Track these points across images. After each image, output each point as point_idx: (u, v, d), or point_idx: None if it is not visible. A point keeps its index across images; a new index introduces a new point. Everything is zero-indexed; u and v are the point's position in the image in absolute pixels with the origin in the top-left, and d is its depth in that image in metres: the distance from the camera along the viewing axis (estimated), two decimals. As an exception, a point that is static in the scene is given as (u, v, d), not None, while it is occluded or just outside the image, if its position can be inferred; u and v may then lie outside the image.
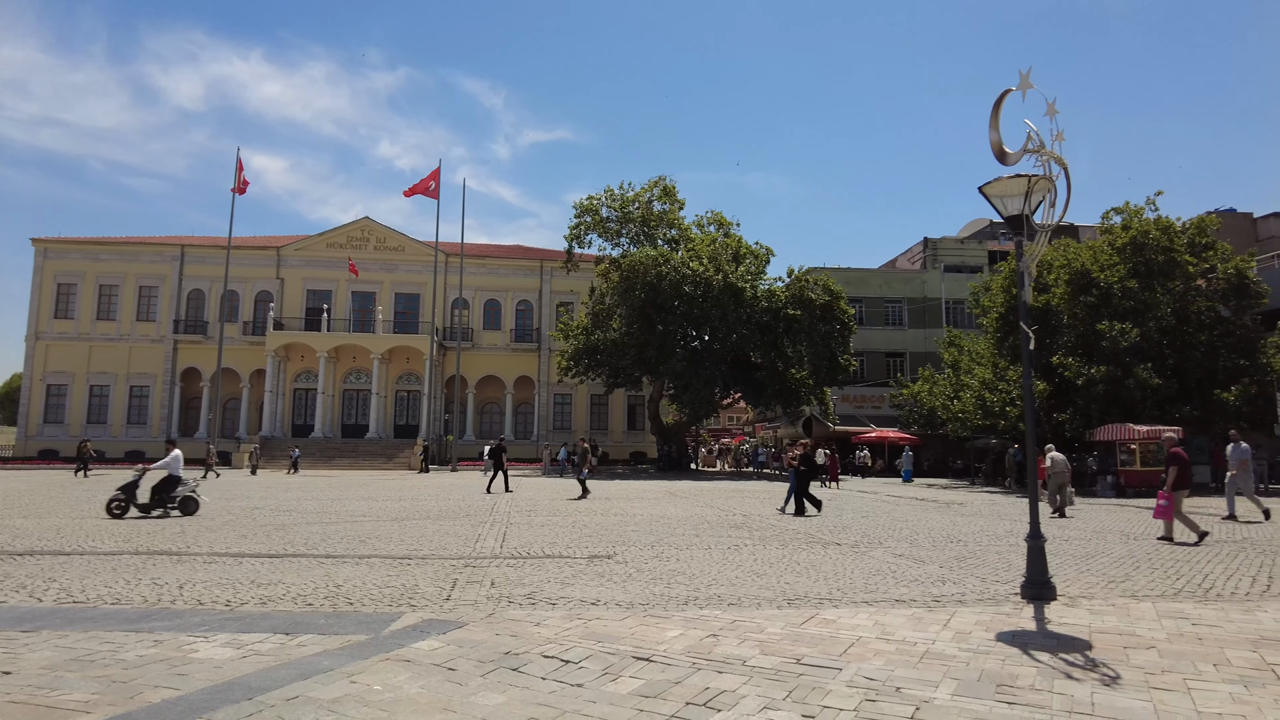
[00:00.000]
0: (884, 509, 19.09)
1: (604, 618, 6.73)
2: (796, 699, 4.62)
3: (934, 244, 51.73)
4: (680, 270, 37.76)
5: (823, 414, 43.10)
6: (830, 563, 9.96)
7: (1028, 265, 7.67)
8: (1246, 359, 27.85)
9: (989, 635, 6.15)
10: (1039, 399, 27.60)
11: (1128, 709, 4.49)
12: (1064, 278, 29.36)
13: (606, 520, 15.24)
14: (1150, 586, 8.36)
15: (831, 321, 39.28)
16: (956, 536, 13.11)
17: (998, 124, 7.89)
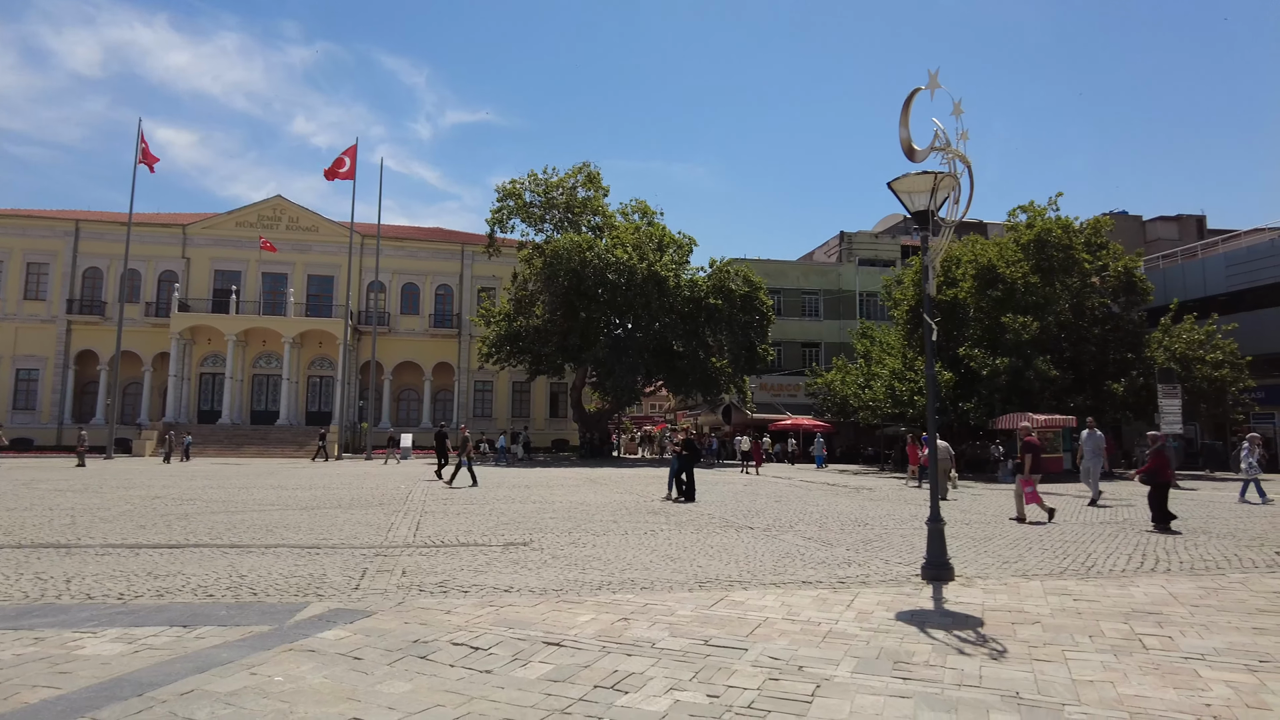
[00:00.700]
0: (796, 494, 19.60)
1: (516, 604, 6.72)
2: (703, 679, 4.73)
3: (850, 238, 53.15)
4: (604, 258, 37.73)
5: (741, 402, 43.86)
6: (742, 546, 10.19)
7: (932, 259, 7.98)
8: (1133, 353, 29.69)
9: (889, 615, 6.41)
10: (946, 389, 28.78)
11: (1011, 680, 4.75)
12: (971, 273, 30.62)
13: (524, 508, 15.18)
14: (1039, 566, 8.85)
15: (751, 312, 39.97)
16: (864, 520, 13.57)
17: (907, 122, 8.15)
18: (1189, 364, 28.61)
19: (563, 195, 45.04)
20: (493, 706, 4.24)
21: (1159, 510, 12.26)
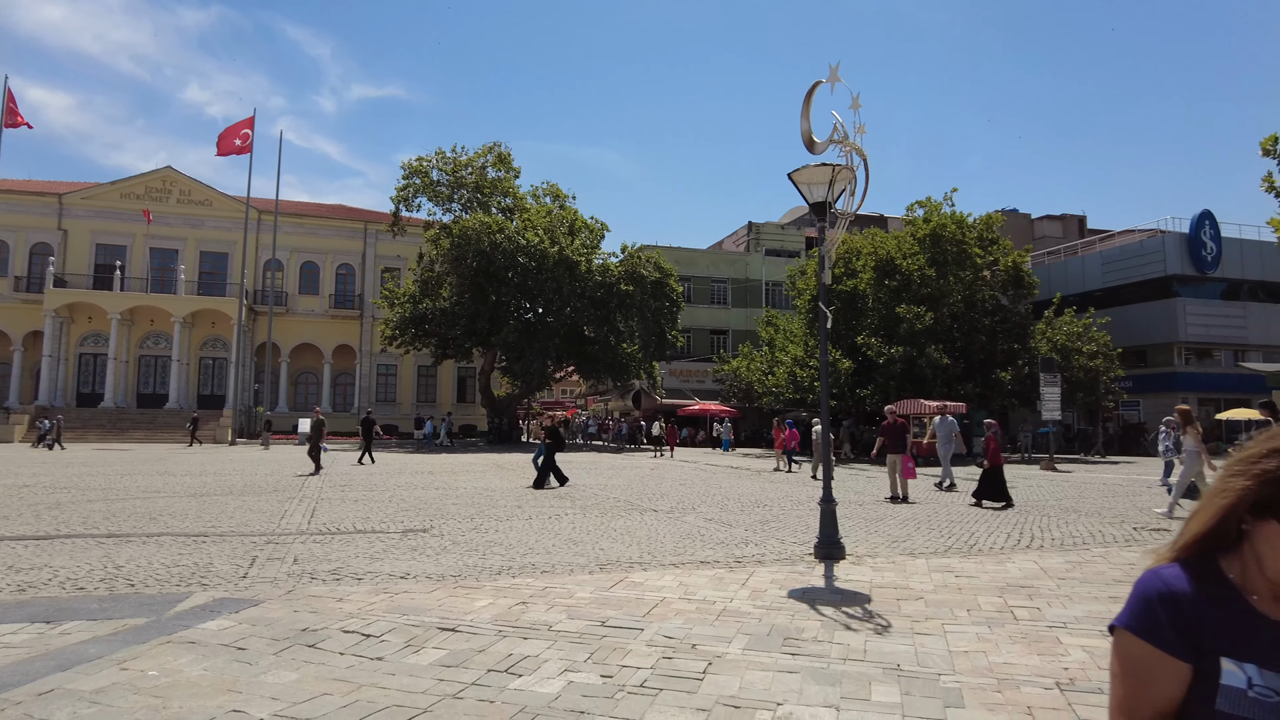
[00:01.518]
0: (701, 477, 19.94)
1: (412, 591, 6.60)
2: (598, 660, 4.77)
3: (757, 228, 54.15)
4: (515, 240, 37.23)
5: (651, 387, 44.22)
6: (645, 528, 10.30)
7: (829, 250, 8.21)
8: (1019, 343, 31.44)
9: (782, 593, 6.61)
10: (844, 376, 29.78)
11: (893, 653, 4.98)
12: (871, 264, 31.71)
13: (426, 494, 14.90)
14: (926, 545, 9.29)
15: (662, 298, 40.27)
16: (763, 502, 13.93)
17: (808, 114, 8.35)
18: (1068, 354, 30.52)
19: (472, 175, 44.12)
20: (382, 694, 4.17)
21: (995, 489, 13.17)
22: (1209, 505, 1.26)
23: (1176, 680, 1.18)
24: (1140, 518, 12.03)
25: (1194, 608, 1.19)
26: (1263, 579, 1.20)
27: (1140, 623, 1.21)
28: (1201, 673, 1.17)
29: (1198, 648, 1.18)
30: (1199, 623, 1.18)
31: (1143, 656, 1.20)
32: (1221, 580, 1.23)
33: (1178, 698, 1.19)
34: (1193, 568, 1.25)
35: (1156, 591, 1.22)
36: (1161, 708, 1.19)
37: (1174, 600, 1.20)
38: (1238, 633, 1.18)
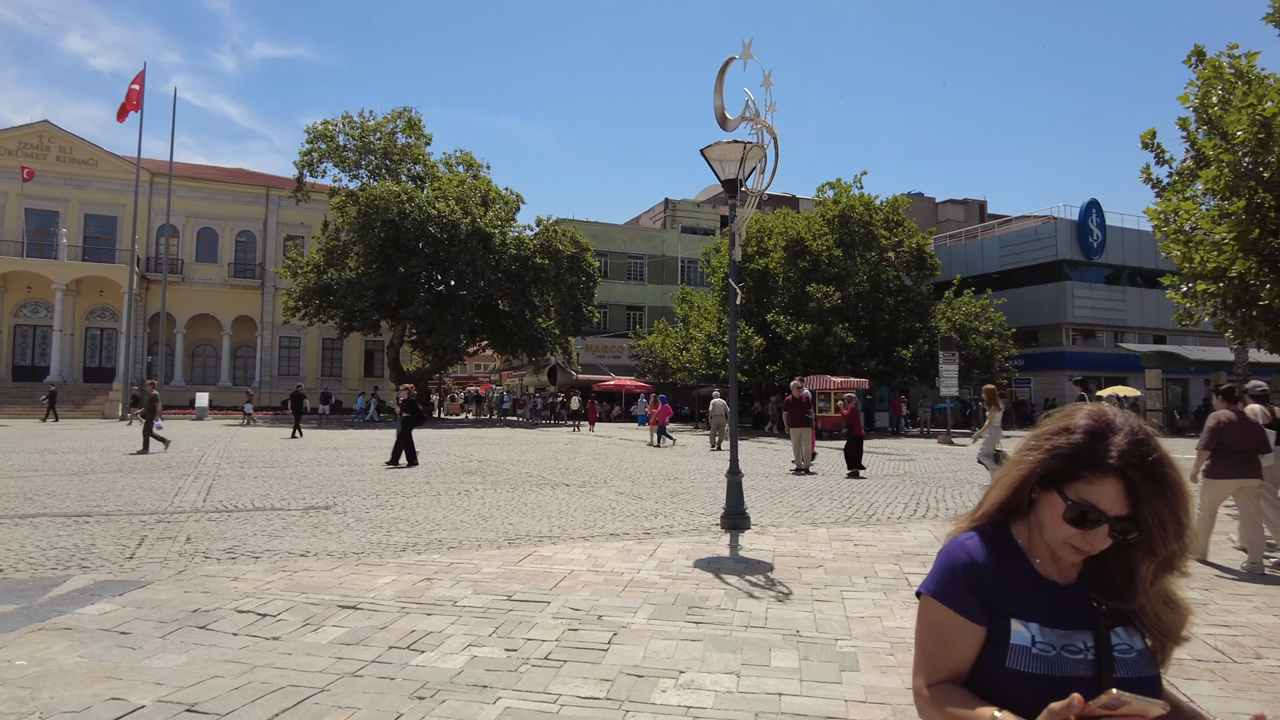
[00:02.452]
0: (615, 452, 20.04)
1: (312, 569, 6.41)
2: (503, 634, 4.74)
3: (674, 205, 54.36)
4: (425, 209, 36.21)
5: (567, 362, 44.04)
6: (556, 503, 10.29)
7: (739, 227, 8.30)
8: (920, 322, 32.68)
9: (689, 563, 6.72)
10: (756, 353, 30.36)
11: (793, 620, 5.14)
12: (782, 244, 32.31)
13: (331, 470, 14.47)
14: (827, 515, 9.61)
15: (578, 273, 39.99)
16: (675, 475, 14.12)
17: (721, 90, 8.37)
18: (966, 334, 31.92)
19: (381, 141, 42.55)
20: (277, 674, 4.04)
21: (852, 458, 14.23)
22: (1006, 477, 1.35)
23: (972, 641, 1.28)
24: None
25: (990, 575, 1.29)
26: (1043, 543, 1.30)
27: (942, 589, 1.30)
28: (994, 633, 1.27)
29: (991, 612, 1.27)
30: (994, 588, 1.28)
31: (943, 619, 1.29)
32: (1012, 546, 1.33)
33: (972, 656, 1.28)
34: (989, 535, 1.35)
35: (959, 560, 1.31)
36: (957, 665, 1.29)
37: (973, 568, 1.29)
38: (1024, 595, 1.28)
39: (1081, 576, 1.32)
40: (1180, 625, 1.32)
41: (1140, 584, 1.27)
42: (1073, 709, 1.10)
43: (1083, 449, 1.25)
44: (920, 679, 1.33)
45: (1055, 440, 1.28)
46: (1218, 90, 9.89)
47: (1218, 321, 10.74)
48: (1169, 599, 1.30)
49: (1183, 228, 10.49)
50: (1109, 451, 1.23)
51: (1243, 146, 8.94)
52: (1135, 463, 1.21)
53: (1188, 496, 1.24)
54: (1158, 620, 1.30)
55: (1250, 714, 3.67)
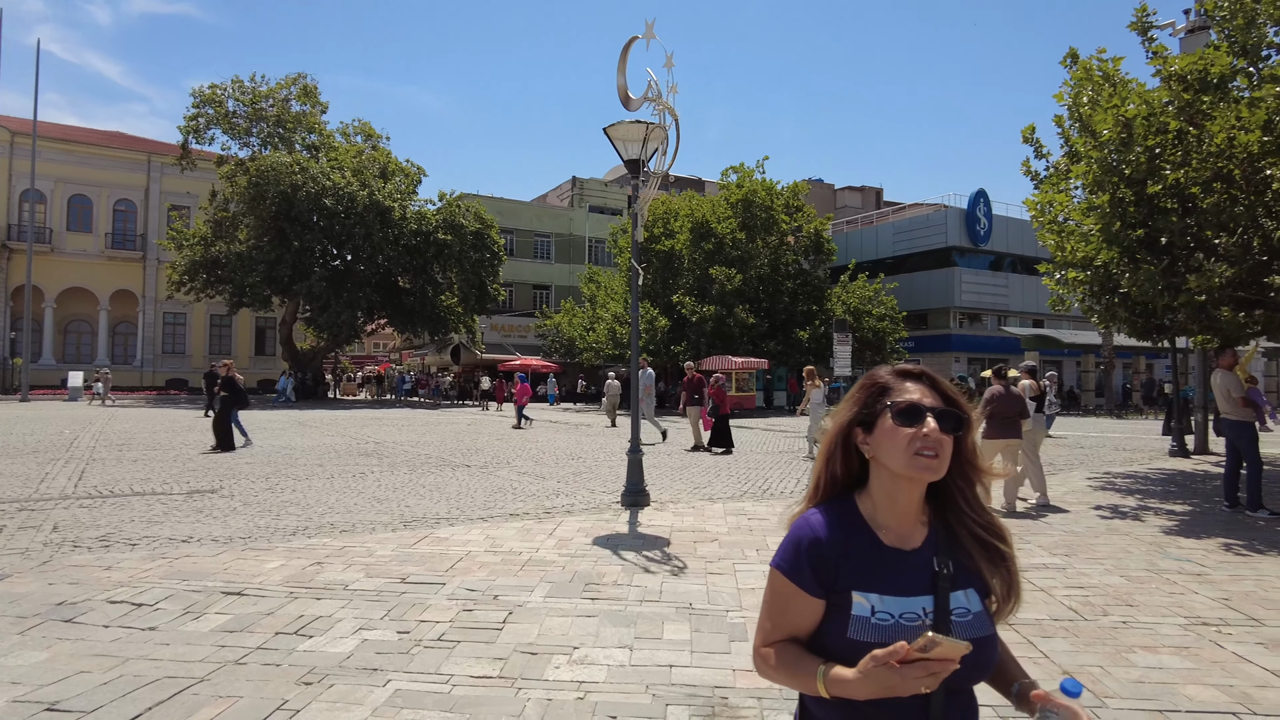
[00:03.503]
0: (519, 432, 19.91)
1: (195, 555, 6.14)
2: (395, 617, 4.68)
3: (582, 183, 54.02)
4: (320, 181, 34.74)
5: (471, 342, 43.33)
6: (456, 484, 10.16)
7: (641, 208, 8.34)
8: (817, 305, 33.72)
9: (588, 540, 6.78)
10: (660, 333, 30.66)
11: (687, 593, 5.27)
12: (688, 226, 32.65)
13: (217, 454, 13.83)
14: (724, 490, 9.85)
15: (483, 250, 39.23)
16: (579, 454, 14.17)
17: (624, 69, 8.36)
18: (860, 316, 33.12)
19: (273, 108, 40.49)
20: (152, 666, 3.87)
21: (719, 436, 14.75)
22: (828, 434, 1.47)
23: (810, 612, 1.36)
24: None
25: (832, 549, 1.36)
26: (888, 511, 1.40)
27: (786, 563, 1.38)
28: (835, 606, 1.35)
29: (831, 586, 1.35)
30: (835, 562, 1.36)
31: (785, 591, 1.37)
32: (856, 518, 1.41)
33: (810, 625, 1.37)
34: (835, 510, 1.43)
35: (804, 536, 1.39)
36: (795, 632, 1.39)
37: (816, 544, 1.37)
38: (866, 566, 1.36)
39: (925, 542, 1.40)
40: (1002, 539, 1.42)
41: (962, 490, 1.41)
42: (895, 654, 1.20)
43: (888, 380, 1.43)
44: (758, 639, 1.42)
45: (859, 395, 1.45)
46: (1088, 91, 10.55)
47: (1085, 307, 11.53)
48: (986, 513, 1.43)
49: (1056, 219, 11.19)
50: (906, 371, 1.43)
51: (1108, 144, 9.58)
52: (912, 371, 1.44)
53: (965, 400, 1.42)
54: (983, 541, 1.40)
55: (1097, 665, 4.00)
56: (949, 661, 1.20)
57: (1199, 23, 13.94)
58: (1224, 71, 9.07)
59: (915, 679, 1.21)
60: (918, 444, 1.33)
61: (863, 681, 1.24)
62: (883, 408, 1.39)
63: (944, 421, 1.34)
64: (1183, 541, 7.14)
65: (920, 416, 1.34)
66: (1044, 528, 7.70)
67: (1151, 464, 13.56)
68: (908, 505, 1.39)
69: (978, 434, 1.45)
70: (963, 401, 1.39)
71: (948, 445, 1.35)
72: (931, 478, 1.35)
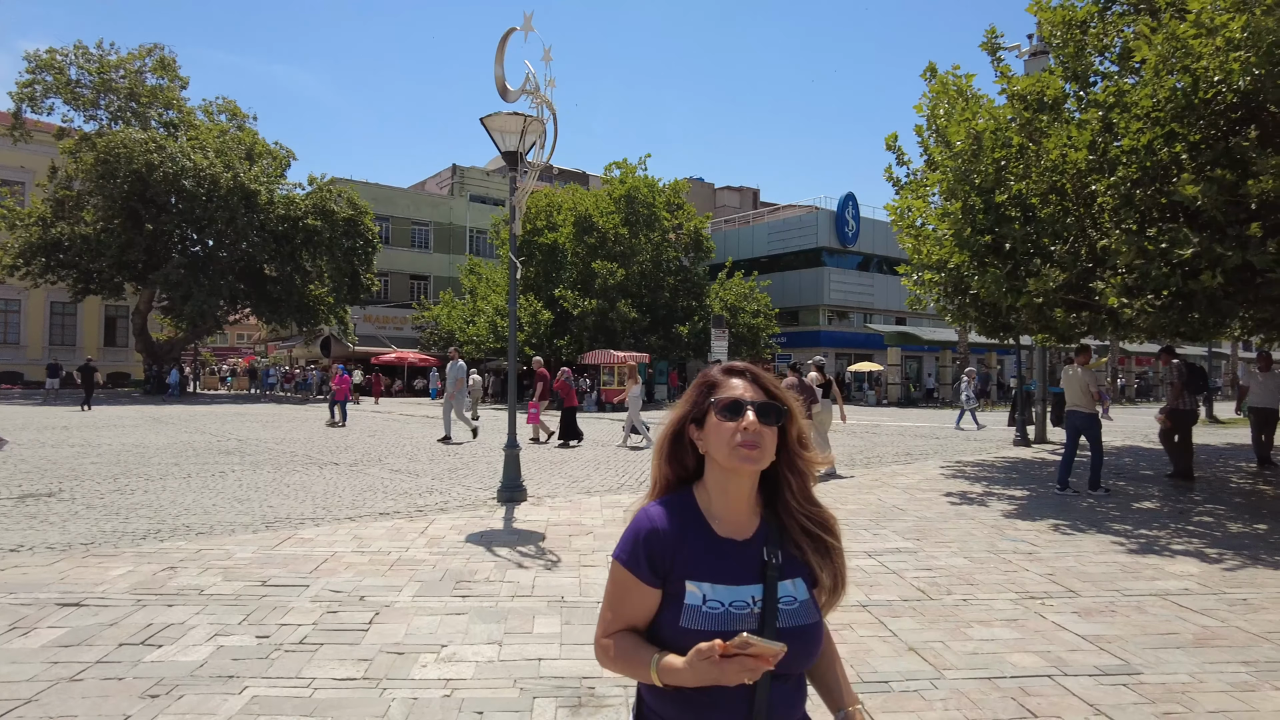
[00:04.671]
0: (394, 428, 19.37)
1: (25, 565, 5.67)
2: (254, 621, 4.50)
3: (463, 172, 52.91)
4: (180, 161, 32.41)
5: (343, 333, 41.64)
6: (323, 483, 9.79)
7: (519, 200, 8.30)
8: (697, 301, 34.44)
9: (460, 538, 6.71)
10: (544, 327, 30.53)
11: (559, 586, 5.31)
12: (571, 219, 32.61)
13: (57, 453, 12.76)
14: (602, 484, 9.95)
15: (356, 237, 37.71)
16: (455, 450, 13.93)
17: (502, 60, 8.28)
18: (736, 313, 34.10)
19: (125, 79, 37.40)
20: (-29, 686, 3.56)
21: (569, 428, 15.16)
22: (662, 435, 1.56)
23: (647, 601, 1.43)
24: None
25: (668, 540, 1.44)
26: (722, 504, 1.48)
27: (625, 554, 1.45)
28: (670, 595, 1.42)
29: (666, 576, 1.43)
30: (670, 553, 1.43)
31: (623, 581, 1.44)
32: (693, 511, 1.49)
33: (647, 615, 1.44)
34: (673, 502, 1.51)
35: (642, 528, 1.46)
36: (633, 622, 1.45)
37: (653, 535, 1.44)
38: (700, 556, 1.44)
39: (757, 533, 1.49)
40: (829, 531, 1.52)
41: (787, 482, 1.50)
42: (715, 650, 1.28)
43: (716, 378, 1.51)
44: (599, 629, 1.47)
45: (693, 394, 1.53)
46: (944, 104, 11.29)
47: (940, 307, 12.34)
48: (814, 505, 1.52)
49: (914, 223, 11.93)
50: (732, 368, 1.51)
51: (961, 155, 10.30)
52: (738, 368, 1.52)
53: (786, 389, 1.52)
54: (811, 533, 1.49)
55: (939, 640, 4.31)
56: (764, 660, 1.28)
57: (1040, 48, 15.12)
58: (1058, 94, 9.91)
59: (736, 672, 1.28)
60: (739, 437, 1.41)
61: (690, 672, 1.31)
62: (709, 404, 1.47)
63: (764, 415, 1.42)
64: (1019, 524, 7.78)
65: (741, 411, 1.42)
66: (899, 514, 8.21)
67: (998, 453, 14.67)
68: (739, 497, 1.47)
69: (803, 426, 1.54)
70: (784, 395, 1.47)
71: (769, 437, 1.42)
72: (753, 469, 1.43)
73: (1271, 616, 4.88)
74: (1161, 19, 8.93)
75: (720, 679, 1.29)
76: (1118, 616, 4.83)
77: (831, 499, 9.03)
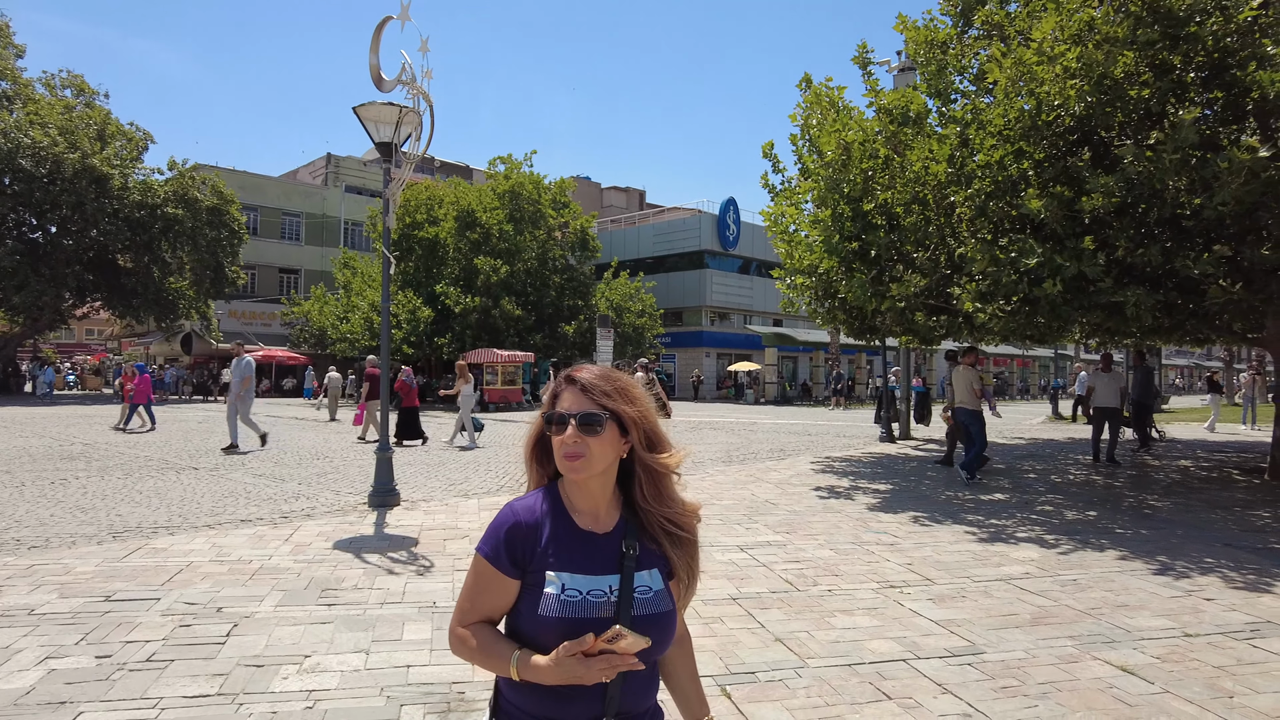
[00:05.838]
0: (124, 435, 18.33)
1: None
2: (95, 640, 4.17)
3: (338, 161, 50.82)
4: (15, 138, 29.56)
5: (206, 329, 39.14)
6: (179, 489, 9.18)
7: (393, 192, 8.05)
8: (583, 300, 34.45)
9: (328, 544, 6.45)
10: (424, 324, 29.74)
11: (431, 591, 5.20)
12: (453, 214, 31.91)
13: None
14: (481, 486, 9.80)
15: (220, 227, 35.50)
16: (326, 453, 13.37)
17: (378, 48, 8.01)
18: (621, 313, 34.33)
19: (-54, 46, 33.85)
20: None
21: (410, 428, 15.13)
22: (528, 435, 1.59)
23: (507, 593, 1.47)
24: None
25: (529, 532, 1.48)
26: (581, 497, 1.52)
27: (487, 546, 1.48)
28: (530, 586, 1.46)
29: (526, 567, 1.47)
30: (530, 545, 1.47)
31: (485, 573, 1.48)
32: (557, 505, 1.54)
33: (505, 607, 1.49)
34: (538, 496, 1.55)
35: (504, 521, 1.50)
36: (490, 614, 1.49)
37: (515, 528, 1.48)
38: (560, 547, 1.49)
39: (617, 526, 1.54)
40: (681, 527, 1.56)
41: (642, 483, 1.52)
42: (584, 644, 1.33)
43: (558, 389, 1.54)
44: (455, 619, 1.50)
45: (548, 402, 1.55)
46: (817, 114, 11.78)
47: (811, 310, 12.89)
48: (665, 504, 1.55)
49: (787, 229, 12.40)
50: (570, 377, 1.54)
51: (832, 165, 10.78)
52: (574, 377, 1.53)
53: (629, 391, 1.53)
54: (666, 529, 1.54)
55: (804, 630, 4.49)
56: (630, 655, 1.34)
57: (908, 64, 16.00)
58: (921, 109, 10.52)
59: (599, 669, 1.34)
60: (563, 449, 1.46)
61: (553, 669, 1.35)
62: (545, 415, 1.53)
63: (586, 425, 1.45)
64: (882, 516, 8.21)
65: (563, 423, 1.47)
66: (770, 508, 8.49)
67: (865, 449, 15.41)
68: (591, 494, 1.52)
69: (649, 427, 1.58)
70: (608, 402, 1.49)
71: (596, 445, 1.45)
72: (578, 478, 1.48)
73: (1095, 594, 5.36)
74: (1011, 45, 9.64)
75: (584, 677, 1.34)
76: (967, 601, 5.17)
77: (708, 495, 9.24)
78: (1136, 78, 8.34)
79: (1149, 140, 8.04)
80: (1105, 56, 8.05)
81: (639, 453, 1.52)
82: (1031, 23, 9.42)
